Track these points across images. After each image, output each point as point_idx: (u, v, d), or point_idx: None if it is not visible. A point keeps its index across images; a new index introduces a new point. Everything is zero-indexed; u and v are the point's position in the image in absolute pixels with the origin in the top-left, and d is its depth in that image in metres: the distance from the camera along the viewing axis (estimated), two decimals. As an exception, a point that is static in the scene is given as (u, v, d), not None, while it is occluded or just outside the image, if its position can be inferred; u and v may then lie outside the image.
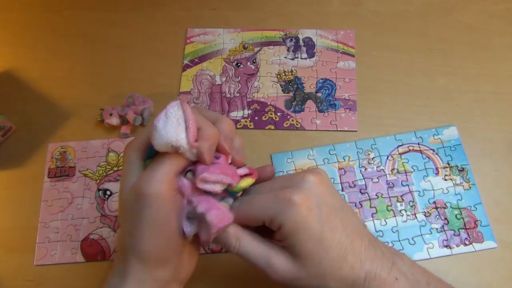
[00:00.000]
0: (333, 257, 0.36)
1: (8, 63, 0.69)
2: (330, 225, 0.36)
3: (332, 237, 0.36)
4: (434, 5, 0.69)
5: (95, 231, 0.56)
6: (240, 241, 0.37)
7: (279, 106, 0.63)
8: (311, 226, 0.35)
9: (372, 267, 0.36)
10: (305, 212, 0.35)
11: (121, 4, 0.73)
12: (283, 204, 0.35)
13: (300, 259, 0.35)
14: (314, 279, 0.36)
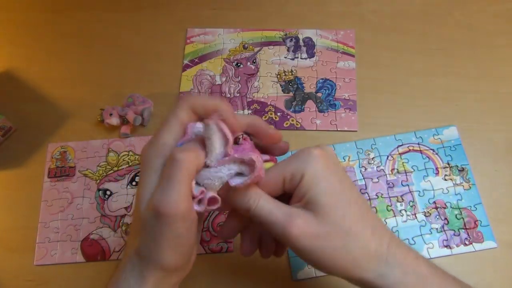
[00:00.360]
0: (355, 213, 0.34)
1: (8, 63, 0.69)
2: (347, 183, 0.35)
3: (351, 194, 0.35)
4: (434, 5, 0.69)
5: (95, 231, 0.56)
6: (259, 198, 0.34)
7: (279, 106, 0.63)
8: (332, 179, 0.34)
9: (393, 240, 0.35)
10: (325, 164, 0.34)
11: (121, 4, 0.73)
12: (303, 157, 0.35)
13: (323, 210, 0.33)
14: (337, 237, 0.33)
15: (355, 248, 0.33)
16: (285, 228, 0.33)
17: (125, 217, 0.56)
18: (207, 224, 0.55)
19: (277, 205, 0.34)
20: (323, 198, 0.33)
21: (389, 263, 0.34)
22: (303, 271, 0.52)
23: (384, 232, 0.35)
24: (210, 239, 0.54)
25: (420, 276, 0.34)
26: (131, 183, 0.58)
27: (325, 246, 0.33)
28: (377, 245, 0.34)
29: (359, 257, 0.33)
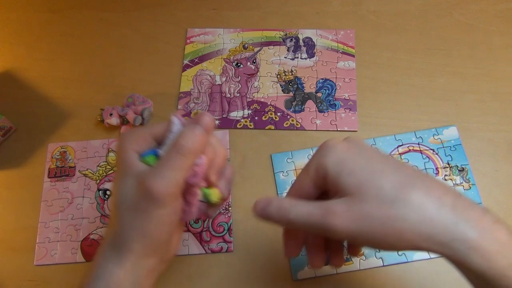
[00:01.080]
0: (394, 180, 0.31)
1: (8, 63, 0.69)
2: (379, 158, 0.33)
3: (385, 165, 0.32)
4: (434, 5, 0.69)
5: (95, 231, 0.56)
6: (293, 207, 0.34)
7: (279, 106, 0.63)
8: (355, 158, 0.33)
9: (460, 200, 0.30)
10: (344, 149, 0.34)
11: (121, 4, 0.73)
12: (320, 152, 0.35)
13: (356, 190, 0.31)
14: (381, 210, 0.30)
15: (409, 214, 0.30)
16: (325, 221, 0.32)
17: (125, 217, 0.56)
18: (207, 224, 0.55)
19: (312, 204, 0.33)
20: (351, 179, 0.32)
21: (460, 226, 0.29)
22: (303, 271, 0.52)
23: (446, 191, 0.31)
24: (210, 239, 0.54)
25: (503, 244, 0.29)
26: (131, 183, 0.58)
27: (374, 224, 0.30)
28: (438, 206, 0.30)
29: (417, 223, 0.29)
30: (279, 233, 0.55)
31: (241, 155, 0.60)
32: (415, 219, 0.30)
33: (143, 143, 0.38)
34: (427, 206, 0.30)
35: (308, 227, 0.33)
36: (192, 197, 0.38)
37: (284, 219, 0.34)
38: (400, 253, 0.52)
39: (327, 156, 0.34)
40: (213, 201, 0.40)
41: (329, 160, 0.34)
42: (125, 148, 0.38)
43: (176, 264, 0.54)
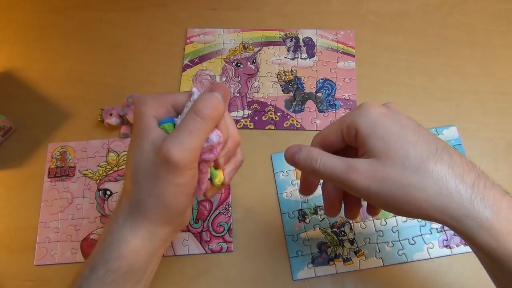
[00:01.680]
0: (422, 150, 0.32)
1: (8, 63, 0.69)
2: (412, 127, 0.34)
3: (414, 134, 0.33)
4: (434, 5, 0.69)
5: (95, 231, 0.56)
6: (320, 157, 0.35)
7: (279, 106, 0.63)
8: (389, 124, 0.34)
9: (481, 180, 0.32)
10: (379, 111, 0.35)
11: (121, 4, 0.73)
12: (357, 111, 0.35)
13: (383, 154, 0.32)
14: (403, 176, 0.31)
15: (428, 185, 0.31)
16: (348, 176, 0.33)
17: (125, 217, 0.56)
18: (207, 224, 0.55)
19: (338, 159, 0.35)
20: (380, 143, 0.33)
21: (475, 204, 0.30)
22: (303, 271, 0.52)
23: (469, 169, 0.32)
24: (210, 239, 0.54)
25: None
26: (131, 183, 0.58)
27: (393, 188, 0.32)
28: (458, 182, 0.31)
29: (434, 195, 0.31)
30: (279, 233, 0.55)
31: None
32: (433, 191, 0.31)
33: (162, 110, 0.37)
34: (447, 180, 0.31)
35: (331, 179, 0.35)
36: (203, 174, 0.37)
37: (310, 167, 0.36)
38: (401, 253, 0.52)
39: (362, 117, 0.35)
40: (215, 183, 0.39)
41: (363, 120, 0.34)
42: (144, 112, 0.36)
43: (176, 264, 0.54)
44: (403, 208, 0.32)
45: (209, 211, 0.56)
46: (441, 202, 0.31)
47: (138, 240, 0.36)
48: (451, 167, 0.31)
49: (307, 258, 0.53)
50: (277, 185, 0.57)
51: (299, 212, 0.55)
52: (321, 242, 0.53)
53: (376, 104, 0.36)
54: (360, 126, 0.34)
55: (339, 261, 0.52)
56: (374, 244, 0.53)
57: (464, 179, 0.31)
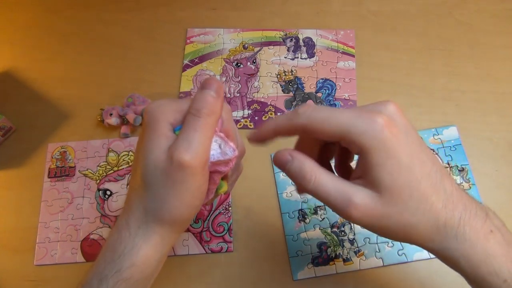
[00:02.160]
0: (424, 190, 0.31)
1: (8, 63, 0.69)
2: (418, 155, 0.32)
3: (421, 168, 0.31)
4: (434, 5, 0.69)
5: (95, 231, 0.56)
6: (315, 176, 0.33)
7: (279, 106, 0.63)
8: (399, 153, 0.31)
9: (466, 212, 0.32)
10: (391, 135, 0.31)
11: (121, 4, 0.73)
12: (366, 123, 0.31)
13: (387, 192, 0.31)
14: (403, 217, 0.31)
15: (422, 224, 0.32)
16: (346, 210, 0.32)
17: (125, 217, 0.56)
18: (207, 224, 0.55)
19: (335, 184, 0.32)
20: (388, 179, 0.31)
21: (457, 238, 0.32)
22: (303, 271, 0.52)
23: (457, 203, 0.32)
24: (210, 239, 0.54)
25: (488, 254, 0.32)
26: (131, 183, 0.58)
27: (389, 224, 0.32)
28: (447, 219, 0.32)
29: (425, 231, 0.32)
30: (279, 233, 0.55)
31: (241, 155, 0.60)
32: (424, 229, 0.32)
33: (179, 116, 0.36)
34: (439, 219, 0.32)
35: (325, 203, 0.33)
36: (214, 185, 0.37)
37: (300, 184, 0.33)
38: (401, 253, 0.52)
39: (375, 140, 0.31)
40: (219, 193, 0.39)
41: (375, 145, 0.31)
42: (159, 118, 0.36)
43: (176, 264, 0.54)
44: (396, 238, 0.34)
45: (209, 211, 0.56)
46: (430, 236, 0.32)
47: (151, 248, 0.36)
48: (445, 203, 0.32)
49: (307, 258, 0.53)
50: (277, 185, 0.57)
51: (299, 212, 0.55)
52: (321, 242, 0.54)
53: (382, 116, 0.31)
54: (370, 152, 0.31)
55: (339, 261, 0.52)
56: (374, 244, 0.53)
57: (453, 214, 0.32)
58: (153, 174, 0.35)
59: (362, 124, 0.31)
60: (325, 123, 0.32)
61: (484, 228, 0.32)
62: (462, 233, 0.32)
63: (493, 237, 0.32)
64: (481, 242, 0.32)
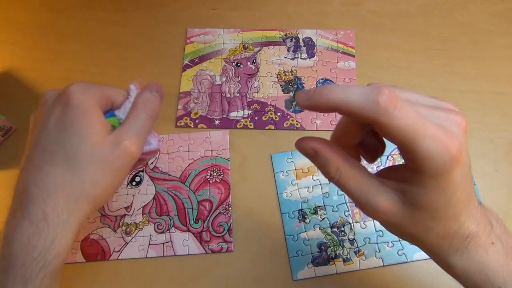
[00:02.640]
0: (449, 215, 0.30)
1: (8, 63, 0.69)
2: (464, 186, 0.30)
3: (458, 195, 0.30)
4: (434, 5, 0.69)
5: (95, 231, 0.56)
6: (340, 173, 0.31)
7: (279, 106, 0.63)
8: (452, 182, 0.28)
9: (476, 229, 0.32)
10: (455, 172, 0.28)
11: (121, 4, 0.73)
12: (439, 147, 0.27)
13: (415, 208, 0.30)
14: (417, 230, 0.31)
15: (432, 238, 0.32)
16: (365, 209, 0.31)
17: (125, 217, 0.56)
18: (207, 224, 0.55)
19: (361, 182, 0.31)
20: (423, 201, 0.29)
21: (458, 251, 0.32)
22: (303, 271, 0.52)
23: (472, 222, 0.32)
24: (210, 239, 0.54)
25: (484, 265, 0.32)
26: (131, 183, 0.58)
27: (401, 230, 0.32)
28: (455, 238, 0.32)
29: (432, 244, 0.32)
30: (279, 233, 0.55)
31: (241, 155, 0.60)
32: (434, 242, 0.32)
33: (105, 103, 0.40)
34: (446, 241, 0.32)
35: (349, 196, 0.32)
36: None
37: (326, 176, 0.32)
38: (401, 253, 0.52)
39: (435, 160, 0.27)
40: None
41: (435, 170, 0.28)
42: (89, 101, 0.38)
43: (176, 264, 0.54)
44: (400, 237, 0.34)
45: (209, 211, 0.56)
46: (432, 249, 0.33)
47: (72, 233, 0.36)
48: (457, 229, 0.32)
49: (307, 258, 0.53)
50: (277, 185, 0.57)
51: (299, 212, 0.55)
52: (321, 242, 0.54)
53: (459, 153, 0.27)
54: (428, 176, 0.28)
55: (339, 261, 0.52)
56: (374, 244, 0.53)
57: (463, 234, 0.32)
58: (88, 159, 0.36)
59: (434, 146, 0.27)
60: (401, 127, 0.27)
61: (486, 241, 0.32)
62: (464, 247, 0.32)
63: (493, 249, 0.32)
64: (480, 255, 0.32)
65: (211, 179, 0.58)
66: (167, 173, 0.59)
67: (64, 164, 0.36)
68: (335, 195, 0.56)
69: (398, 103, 0.26)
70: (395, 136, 0.27)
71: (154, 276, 0.53)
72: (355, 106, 0.27)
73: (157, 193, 0.58)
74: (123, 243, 0.55)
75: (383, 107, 0.26)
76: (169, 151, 0.60)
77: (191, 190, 0.57)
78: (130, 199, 0.57)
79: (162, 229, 0.55)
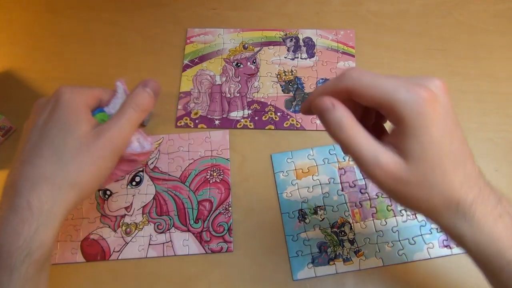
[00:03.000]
0: (446, 167, 0.33)
1: (8, 63, 0.69)
2: (452, 134, 0.34)
3: (450, 147, 0.34)
4: (434, 5, 0.69)
5: (95, 231, 0.56)
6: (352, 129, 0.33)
7: (279, 106, 0.63)
8: (434, 129, 0.32)
9: (480, 195, 0.34)
10: (431, 111, 0.32)
11: (121, 4, 0.73)
12: (410, 95, 0.31)
13: (413, 161, 0.33)
14: (420, 188, 0.33)
15: (437, 199, 0.34)
16: (371, 169, 0.33)
17: (125, 217, 0.56)
18: (207, 224, 0.55)
19: (368, 140, 0.33)
20: (417, 151, 0.32)
21: (466, 218, 0.33)
22: (303, 271, 0.52)
23: (473, 186, 0.34)
24: (210, 239, 0.54)
25: (494, 238, 0.33)
26: (131, 183, 0.58)
27: (407, 192, 0.34)
28: (460, 199, 0.33)
29: (437, 206, 0.34)
30: (279, 233, 0.55)
31: (241, 155, 0.60)
32: (438, 204, 0.34)
33: (93, 102, 0.43)
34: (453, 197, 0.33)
35: (353, 157, 0.34)
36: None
37: (334, 133, 0.34)
38: (401, 253, 0.52)
39: (409, 106, 0.31)
40: None
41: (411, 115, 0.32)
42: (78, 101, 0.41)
43: (176, 264, 0.54)
44: (406, 204, 0.35)
45: (209, 211, 0.56)
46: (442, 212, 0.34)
47: (57, 223, 0.38)
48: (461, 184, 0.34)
49: (307, 258, 0.53)
50: (277, 185, 0.57)
51: (299, 212, 0.55)
52: (321, 242, 0.54)
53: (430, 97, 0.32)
54: (407, 123, 0.32)
55: (339, 261, 0.52)
56: (374, 244, 0.53)
57: (467, 196, 0.34)
58: (73, 149, 0.38)
59: (405, 95, 0.32)
60: (370, 88, 0.33)
61: (493, 212, 0.34)
62: (471, 214, 0.33)
63: (501, 222, 0.33)
64: (489, 226, 0.33)
65: (211, 179, 0.58)
66: (167, 173, 0.59)
67: (51, 156, 0.38)
68: (335, 195, 0.56)
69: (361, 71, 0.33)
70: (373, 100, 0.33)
71: (154, 276, 0.53)
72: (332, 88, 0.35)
73: (157, 193, 0.58)
74: (123, 243, 0.55)
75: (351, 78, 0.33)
76: (169, 151, 0.60)
77: (191, 190, 0.57)
78: (130, 199, 0.57)
79: (162, 229, 0.55)
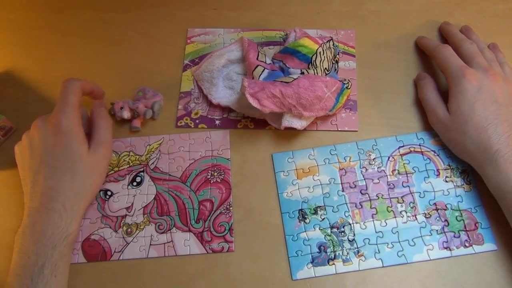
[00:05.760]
0: (476, 122, 0.51)
1: (8, 63, 0.69)
2: (485, 104, 0.52)
3: (481, 110, 0.51)
4: (434, 5, 0.69)
5: (96, 232, 0.56)
6: (429, 91, 0.59)
7: (279, 106, 0.63)
8: (468, 95, 0.52)
9: (505, 150, 0.49)
10: (469, 84, 0.53)
11: (121, 4, 0.73)
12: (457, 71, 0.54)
13: (452, 113, 0.54)
14: (457, 133, 0.53)
15: (469, 143, 0.52)
16: (430, 115, 0.58)
17: (126, 217, 0.56)
18: (208, 224, 0.55)
19: (434, 98, 0.58)
20: (454, 106, 0.54)
21: (491, 162, 0.50)
22: (302, 271, 0.52)
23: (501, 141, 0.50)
24: (211, 239, 0.55)
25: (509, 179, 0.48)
26: (132, 183, 0.58)
27: (450, 136, 0.55)
28: (487, 147, 0.50)
29: (471, 150, 0.52)
30: (279, 233, 0.55)
31: (242, 155, 0.60)
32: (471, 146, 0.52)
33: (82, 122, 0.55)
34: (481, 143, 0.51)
35: (423, 104, 0.60)
36: None
37: (419, 92, 0.61)
38: (400, 254, 0.52)
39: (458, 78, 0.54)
40: None
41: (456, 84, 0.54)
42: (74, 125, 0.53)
43: (177, 264, 0.54)
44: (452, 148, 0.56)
45: (210, 211, 0.56)
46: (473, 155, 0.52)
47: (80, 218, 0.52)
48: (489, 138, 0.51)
49: (306, 258, 0.53)
50: (278, 185, 0.57)
51: (299, 212, 0.55)
52: (321, 242, 0.54)
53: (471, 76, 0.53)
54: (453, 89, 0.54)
55: (339, 261, 0.53)
56: (374, 245, 0.53)
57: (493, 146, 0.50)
58: (82, 167, 0.52)
59: (455, 70, 0.55)
60: (443, 60, 0.57)
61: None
62: (494, 160, 0.49)
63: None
64: (506, 168, 0.48)
65: (212, 179, 0.58)
66: (168, 173, 0.59)
67: (68, 173, 0.51)
68: (336, 195, 0.56)
69: (451, 50, 0.58)
70: (445, 69, 0.57)
71: (155, 276, 0.53)
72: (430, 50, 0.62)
73: (158, 193, 0.58)
74: (124, 244, 0.55)
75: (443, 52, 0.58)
76: (170, 151, 0.60)
77: (192, 190, 0.57)
78: (131, 200, 0.57)
79: (163, 229, 0.55)
